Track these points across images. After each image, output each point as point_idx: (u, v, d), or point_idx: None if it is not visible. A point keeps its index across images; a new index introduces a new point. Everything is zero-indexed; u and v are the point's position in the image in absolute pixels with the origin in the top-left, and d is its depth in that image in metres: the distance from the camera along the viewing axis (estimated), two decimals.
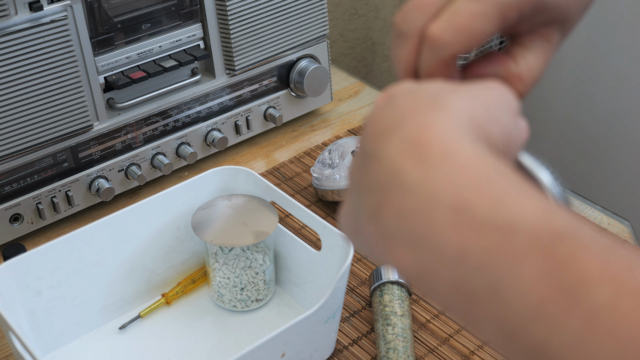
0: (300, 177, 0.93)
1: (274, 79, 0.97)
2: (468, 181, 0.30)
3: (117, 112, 0.86)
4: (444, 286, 0.30)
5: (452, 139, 0.31)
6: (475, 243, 0.28)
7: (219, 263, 0.72)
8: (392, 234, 0.31)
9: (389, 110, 0.34)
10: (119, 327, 0.73)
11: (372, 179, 0.32)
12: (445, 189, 0.29)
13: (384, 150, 0.32)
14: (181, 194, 0.74)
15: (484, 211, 0.29)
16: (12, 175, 0.79)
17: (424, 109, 0.33)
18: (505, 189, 0.29)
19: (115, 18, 0.82)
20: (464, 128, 0.32)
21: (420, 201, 0.30)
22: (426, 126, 0.31)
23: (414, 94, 0.34)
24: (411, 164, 0.30)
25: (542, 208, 0.29)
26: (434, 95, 0.33)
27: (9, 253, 0.73)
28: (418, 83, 0.36)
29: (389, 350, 0.66)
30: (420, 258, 0.30)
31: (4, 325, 0.61)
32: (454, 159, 0.30)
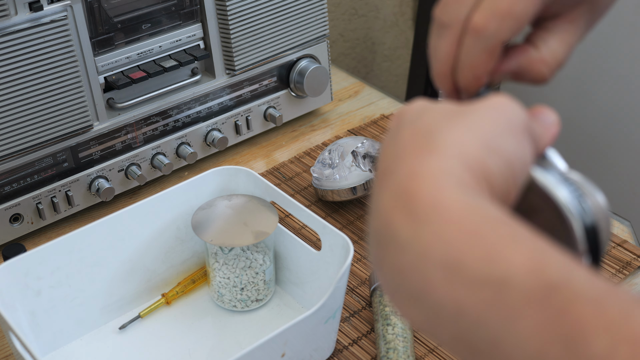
0: (300, 177, 0.93)
1: (274, 79, 0.97)
2: (458, 237, 0.29)
3: (117, 112, 0.86)
4: (447, 339, 0.30)
5: (441, 191, 0.30)
6: (469, 299, 0.28)
7: (219, 263, 0.72)
8: (394, 287, 0.31)
9: (391, 146, 0.33)
10: (119, 327, 0.73)
11: (373, 228, 0.32)
12: (435, 245, 0.29)
13: (379, 198, 0.32)
14: (181, 194, 0.74)
15: (475, 268, 0.28)
16: (12, 175, 0.79)
17: (417, 150, 0.32)
18: (497, 242, 0.29)
19: (115, 18, 0.82)
20: (456, 174, 0.31)
21: (413, 258, 0.30)
22: (416, 175, 0.31)
23: (414, 126, 0.33)
24: (402, 219, 0.30)
25: (534, 258, 0.28)
26: (430, 130, 0.33)
27: (9, 253, 0.73)
28: (426, 105, 0.35)
29: (389, 350, 0.66)
30: (422, 313, 0.30)
31: (4, 325, 0.61)
32: (443, 213, 0.30)
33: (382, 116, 1.04)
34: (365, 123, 1.03)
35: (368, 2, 1.42)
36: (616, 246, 0.82)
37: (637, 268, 0.79)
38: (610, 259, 0.80)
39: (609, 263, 0.79)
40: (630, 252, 0.81)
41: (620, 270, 0.79)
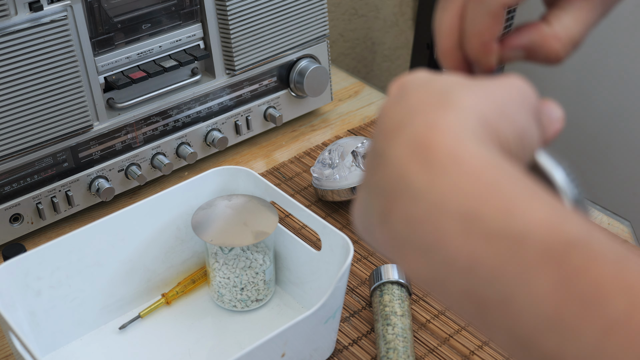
0: (300, 177, 0.93)
1: (274, 79, 0.97)
2: (476, 188, 0.29)
3: (117, 112, 0.86)
4: (455, 294, 0.29)
5: (459, 142, 0.30)
6: (485, 253, 0.28)
7: (219, 263, 0.72)
8: (401, 239, 0.30)
9: (399, 105, 0.32)
10: (119, 327, 0.73)
11: (380, 180, 0.31)
12: (453, 196, 0.28)
13: (391, 150, 0.31)
14: (181, 194, 0.74)
15: (494, 220, 0.28)
16: (12, 175, 0.79)
17: (433, 106, 0.31)
18: (516, 196, 0.28)
19: (115, 18, 0.82)
20: (474, 128, 0.30)
21: (428, 208, 0.29)
22: (433, 127, 0.30)
23: (425, 88, 0.33)
24: (417, 169, 0.29)
25: (554, 215, 0.28)
26: (445, 90, 0.32)
27: (9, 253, 0.73)
28: (432, 74, 0.35)
29: (389, 350, 0.66)
30: (431, 265, 0.29)
31: (4, 325, 0.61)
32: (461, 164, 0.29)
33: None
34: (365, 123, 1.03)
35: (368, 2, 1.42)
36: None
37: None
38: None
39: None
40: None
41: None
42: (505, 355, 0.70)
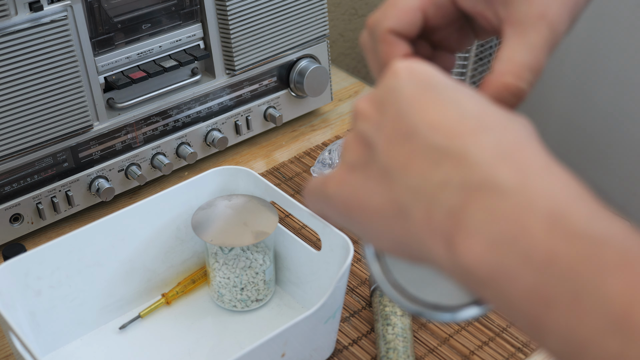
0: (300, 177, 0.93)
1: (274, 79, 0.97)
2: (566, 192, 0.30)
3: (117, 112, 0.86)
4: (520, 289, 0.30)
5: (544, 154, 0.32)
6: (565, 250, 0.29)
7: (219, 263, 0.72)
8: (472, 229, 0.31)
9: (462, 114, 0.33)
10: (119, 327, 0.73)
11: (453, 176, 0.32)
12: (544, 196, 0.30)
13: (472, 151, 0.32)
14: (181, 194, 0.74)
15: (579, 221, 0.29)
16: (12, 175, 0.79)
17: (507, 124, 0.33)
18: (597, 206, 0.30)
19: (115, 18, 0.82)
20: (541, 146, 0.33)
21: (516, 204, 0.30)
22: (524, 141, 0.32)
23: (484, 105, 0.34)
24: (509, 170, 0.31)
25: (628, 227, 0.30)
26: (507, 115, 0.34)
27: (9, 253, 0.73)
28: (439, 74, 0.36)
29: (389, 350, 0.66)
30: (502, 257, 0.30)
31: (4, 325, 0.61)
32: (552, 171, 0.31)
33: None
34: None
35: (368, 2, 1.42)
36: None
37: None
38: None
39: None
40: None
41: None
42: (505, 355, 0.70)
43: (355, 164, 0.36)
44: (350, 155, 0.36)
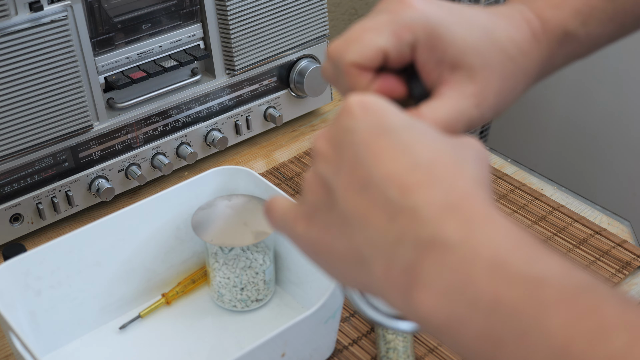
0: (300, 177, 0.93)
1: (274, 79, 0.97)
2: (505, 240, 0.33)
3: (117, 112, 0.86)
4: (472, 334, 0.32)
5: (487, 204, 0.34)
6: (508, 293, 0.31)
7: (219, 263, 0.72)
8: (425, 283, 0.33)
9: (414, 164, 0.35)
10: (119, 327, 0.73)
11: (407, 232, 0.34)
12: (486, 246, 0.32)
13: (422, 207, 0.34)
14: (181, 194, 0.74)
15: (519, 266, 0.32)
16: (12, 175, 0.79)
17: (451, 172, 0.35)
18: (535, 248, 0.33)
19: (115, 18, 0.82)
20: (487, 191, 0.35)
21: (462, 257, 0.33)
22: (470, 190, 0.35)
23: (436, 150, 0.36)
24: (454, 225, 0.33)
25: (566, 265, 0.32)
26: (458, 158, 0.36)
27: (9, 253, 0.73)
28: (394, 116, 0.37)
29: (389, 350, 0.66)
30: (453, 307, 0.32)
31: (4, 325, 0.61)
32: (494, 220, 0.33)
33: None
34: None
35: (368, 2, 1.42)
36: (616, 246, 0.82)
37: (637, 268, 0.79)
38: (610, 259, 0.80)
39: (609, 263, 0.79)
40: (630, 252, 0.81)
41: (620, 270, 0.79)
42: None
43: (317, 206, 0.37)
44: (312, 196, 0.38)
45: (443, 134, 0.37)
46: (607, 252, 0.81)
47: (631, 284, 0.78)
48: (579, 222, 0.85)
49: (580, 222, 0.85)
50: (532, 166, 1.03)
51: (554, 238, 0.83)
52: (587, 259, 0.80)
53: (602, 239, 0.83)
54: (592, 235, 0.83)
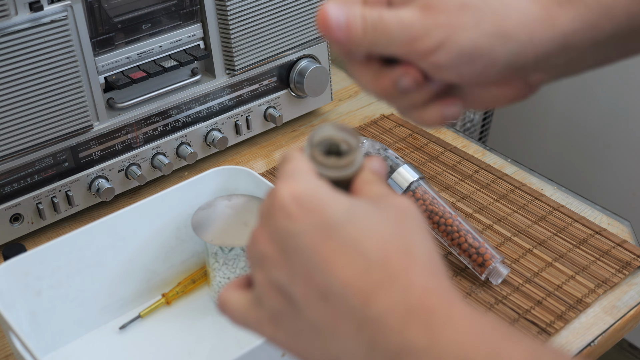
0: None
1: (274, 79, 0.97)
2: (469, 339, 0.33)
3: (117, 112, 0.86)
4: None
5: (451, 302, 0.34)
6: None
7: (219, 263, 0.72)
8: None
9: (368, 265, 0.35)
10: (119, 327, 0.73)
11: (376, 343, 0.34)
12: (451, 348, 0.33)
13: (385, 316, 0.34)
14: (181, 194, 0.74)
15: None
16: (12, 175, 0.79)
17: (408, 261, 0.35)
18: (499, 339, 0.34)
19: (115, 18, 0.82)
20: (447, 279, 0.36)
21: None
22: (429, 292, 0.34)
23: (383, 240, 0.35)
24: (418, 330, 0.33)
25: (531, 350, 0.33)
26: (405, 241, 0.36)
27: (9, 253, 0.73)
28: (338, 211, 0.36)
29: None
30: None
31: (4, 325, 0.61)
32: (456, 321, 0.34)
33: (382, 116, 1.04)
34: (365, 123, 1.03)
35: None
36: (616, 246, 0.82)
37: (637, 268, 0.79)
38: (610, 259, 0.80)
39: (608, 263, 0.79)
40: (630, 252, 0.81)
41: (620, 270, 0.79)
42: None
43: (280, 312, 0.37)
44: (272, 303, 0.37)
45: (381, 206, 0.37)
46: (607, 252, 0.81)
47: (631, 284, 0.78)
48: (579, 222, 0.85)
49: (580, 222, 0.85)
50: (532, 166, 1.03)
51: (554, 238, 0.83)
52: (587, 259, 0.80)
53: (602, 239, 0.83)
54: (592, 235, 0.83)
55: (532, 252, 0.81)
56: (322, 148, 0.39)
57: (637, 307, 0.76)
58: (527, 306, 0.75)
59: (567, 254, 0.81)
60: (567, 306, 0.75)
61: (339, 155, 0.39)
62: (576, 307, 0.75)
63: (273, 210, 0.36)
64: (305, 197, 0.36)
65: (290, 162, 0.38)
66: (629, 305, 0.76)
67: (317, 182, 0.37)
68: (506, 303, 0.75)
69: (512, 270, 0.79)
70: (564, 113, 1.57)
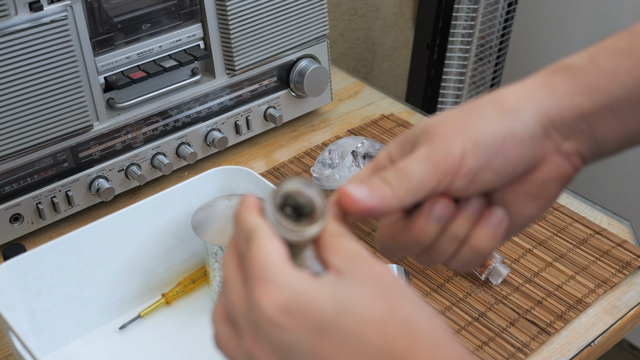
0: (300, 177, 0.93)
1: (274, 79, 0.97)
2: None
3: (117, 112, 0.86)
4: None
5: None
6: None
7: (219, 263, 0.72)
8: None
9: (373, 355, 0.34)
10: (119, 327, 0.73)
11: None
12: None
13: None
14: (181, 194, 0.74)
15: None
16: (12, 175, 0.79)
17: (411, 342, 0.34)
18: None
19: (115, 18, 0.82)
20: (452, 341, 0.36)
21: None
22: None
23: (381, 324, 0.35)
24: None
25: None
26: (403, 320, 0.35)
27: (9, 253, 0.73)
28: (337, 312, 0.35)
29: None
30: None
31: (4, 325, 0.61)
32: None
33: (382, 116, 1.04)
34: (365, 123, 1.03)
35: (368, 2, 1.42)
36: (616, 246, 0.82)
37: (637, 268, 0.79)
38: (610, 259, 0.80)
39: (609, 263, 0.79)
40: (630, 252, 0.81)
41: (620, 270, 0.79)
42: (505, 355, 0.70)
43: None
44: None
45: (362, 280, 0.36)
46: (607, 252, 0.81)
47: (631, 284, 0.78)
48: (579, 222, 0.85)
49: (580, 222, 0.85)
50: None
51: (554, 238, 0.83)
52: (587, 259, 0.80)
53: (602, 239, 0.83)
54: (592, 235, 0.83)
55: (532, 252, 0.81)
56: (284, 206, 0.38)
57: (637, 307, 0.76)
58: (527, 306, 0.75)
59: (567, 254, 0.81)
60: (567, 306, 0.75)
61: (301, 215, 0.38)
62: (576, 307, 0.75)
63: (262, 325, 0.35)
64: (291, 305, 0.35)
65: (256, 249, 0.36)
66: (629, 305, 0.76)
67: (294, 278, 0.35)
68: (506, 303, 0.75)
69: (512, 270, 0.79)
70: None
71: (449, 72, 1.34)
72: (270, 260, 0.36)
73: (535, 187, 0.43)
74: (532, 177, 0.42)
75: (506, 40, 1.38)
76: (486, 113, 0.41)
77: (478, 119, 0.40)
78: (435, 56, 1.32)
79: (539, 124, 0.41)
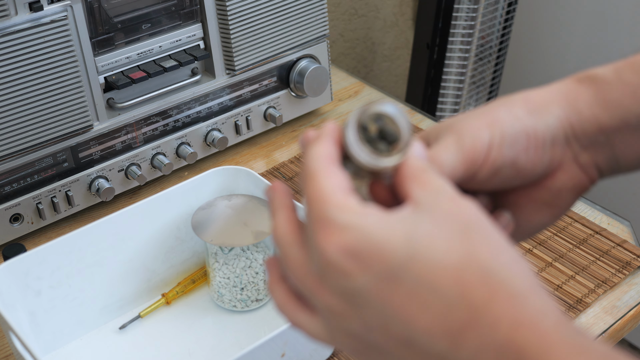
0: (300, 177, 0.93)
1: (274, 79, 0.97)
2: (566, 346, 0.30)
3: (117, 112, 0.86)
4: None
5: (540, 330, 0.31)
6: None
7: (219, 263, 0.72)
8: None
9: (446, 304, 0.31)
10: (119, 327, 0.73)
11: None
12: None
13: (478, 356, 0.31)
14: (181, 194, 0.74)
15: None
16: (12, 175, 0.79)
17: (489, 287, 0.31)
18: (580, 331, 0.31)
19: (115, 18, 0.82)
20: (538, 294, 0.32)
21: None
22: (515, 326, 0.31)
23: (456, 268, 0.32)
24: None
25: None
26: (482, 266, 0.32)
27: (9, 253, 0.73)
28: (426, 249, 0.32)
29: None
30: None
31: (4, 325, 0.61)
32: (548, 357, 0.30)
33: None
34: None
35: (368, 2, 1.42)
36: (616, 246, 0.82)
37: (637, 268, 0.79)
38: (610, 259, 0.80)
39: (609, 263, 0.79)
40: (630, 252, 0.81)
41: (620, 270, 0.79)
42: None
43: (364, 352, 0.35)
44: (353, 345, 0.35)
45: (440, 219, 0.32)
46: (607, 252, 0.81)
47: (631, 284, 0.78)
48: (579, 222, 0.85)
49: (580, 222, 0.85)
50: None
51: (554, 238, 0.83)
52: (587, 259, 0.80)
53: (602, 239, 0.83)
54: (592, 235, 0.83)
55: (532, 252, 0.81)
56: (366, 128, 0.35)
57: (637, 307, 0.76)
58: None
59: (567, 254, 0.81)
60: (567, 306, 0.75)
61: (382, 141, 0.35)
62: (576, 307, 0.75)
63: (326, 270, 0.33)
64: (357, 249, 0.32)
65: (313, 184, 0.34)
66: (629, 305, 0.76)
67: (362, 217, 0.32)
68: None
69: None
70: None
71: (449, 72, 1.34)
72: (330, 196, 0.33)
73: (549, 195, 0.42)
74: (547, 184, 0.42)
75: (506, 40, 1.38)
76: (515, 109, 0.40)
77: (506, 114, 0.40)
78: (435, 56, 1.32)
79: (561, 129, 0.41)
